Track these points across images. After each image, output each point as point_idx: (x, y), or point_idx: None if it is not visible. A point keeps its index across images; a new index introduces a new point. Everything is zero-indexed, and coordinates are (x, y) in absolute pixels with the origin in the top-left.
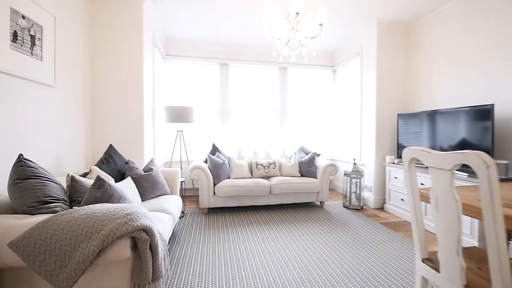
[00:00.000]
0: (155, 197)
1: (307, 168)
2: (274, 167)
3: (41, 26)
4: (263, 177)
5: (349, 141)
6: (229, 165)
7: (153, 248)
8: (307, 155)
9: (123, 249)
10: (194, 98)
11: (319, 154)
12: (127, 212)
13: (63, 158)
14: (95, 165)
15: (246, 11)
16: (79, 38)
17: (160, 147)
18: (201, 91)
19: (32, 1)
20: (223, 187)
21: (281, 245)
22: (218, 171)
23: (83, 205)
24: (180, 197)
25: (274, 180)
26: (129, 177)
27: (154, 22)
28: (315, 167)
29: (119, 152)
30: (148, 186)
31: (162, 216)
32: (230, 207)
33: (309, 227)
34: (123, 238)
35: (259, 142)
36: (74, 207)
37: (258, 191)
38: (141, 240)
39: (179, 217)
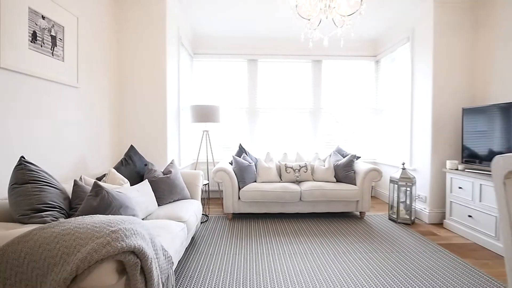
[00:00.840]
0: (173, 201)
1: (344, 173)
2: (305, 170)
3: (63, 27)
4: (293, 182)
5: (396, 142)
6: (256, 168)
7: (146, 273)
8: (344, 157)
9: (106, 275)
10: (222, 97)
11: (359, 157)
12: (113, 229)
13: (87, 159)
14: (115, 167)
15: (276, 1)
16: (104, 38)
17: (186, 148)
18: (228, 89)
19: (53, 1)
20: (248, 192)
21: (311, 264)
22: (243, 174)
23: (78, 215)
24: (199, 202)
25: (305, 186)
26: (146, 180)
27: (179, 19)
28: (354, 172)
29: (140, 153)
30: (165, 190)
31: (173, 226)
32: (256, 213)
33: (346, 243)
34: (105, 262)
35: (290, 143)
36: (61, 219)
37: (287, 198)
38: (129, 264)
39: (202, 222)
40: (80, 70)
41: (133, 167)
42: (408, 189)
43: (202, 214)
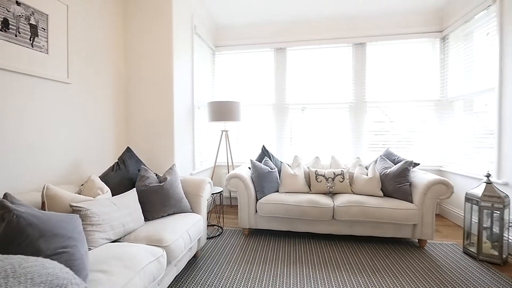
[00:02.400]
0: (166, 216)
1: (395, 185)
2: (341, 179)
3: (46, 15)
4: (324, 194)
5: (473, 144)
6: (279, 175)
7: None
8: (395, 164)
9: None
10: (246, 94)
11: (417, 164)
12: None
13: (83, 162)
14: (104, 172)
15: None
16: (107, 27)
17: (205, 150)
18: (253, 85)
19: None
20: (267, 205)
21: None
22: (262, 182)
23: None
24: (201, 217)
25: (340, 200)
26: (134, 189)
27: (193, 6)
28: (410, 184)
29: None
30: (157, 202)
31: (140, 257)
32: (277, 231)
33: (398, 285)
34: None
35: (323, 144)
36: None
37: (315, 214)
38: None
39: (213, 236)
40: (72, 63)
41: (124, 172)
42: (497, 212)
43: (216, 226)
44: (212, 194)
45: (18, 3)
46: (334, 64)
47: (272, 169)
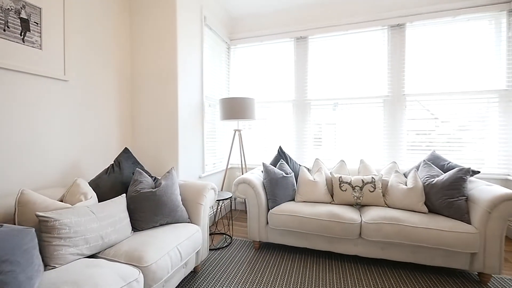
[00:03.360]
0: (158, 226)
1: (445, 199)
2: (372, 188)
3: (39, 8)
4: (350, 205)
5: None
6: (296, 180)
7: None
8: (445, 171)
9: None
10: (263, 90)
11: (476, 172)
12: None
13: (82, 165)
14: (97, 175)
15: None
16: (110, 22)
17: (218, 151)
18: (270, 80)
19: None
20: (279, 216)
21: None
22: (274, 189)
23: None
24: (199, 228)
25: (370, 214)
26: (122, 196)
27: None
28: (467, 199)
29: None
30: (148, 210)
31: (105, 283)
32: (291, 246)
33: None
34: None
35: (350, 146)
36: None
37: (337, 231)
38: None
39: (220, 247)
40: (70, 60)
41: (118, 175)
42: None
43: (225, 235)
44: (219, 200)
45: None
46: (364, 52)
47: (287, 174)
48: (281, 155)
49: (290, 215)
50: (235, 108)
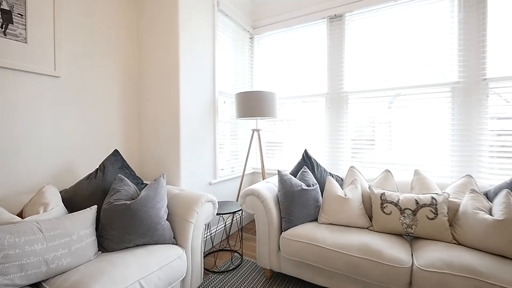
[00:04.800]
0: (133, 247)
1: None
2: (432, 214)
3: None
4: (396, 235)
5: None
6: (322, 194)
7: None
8: None
9: None
10: (290, 83)
11: None
12: None
13: (77, 167)
14: (79, 181)
15: None
16: (112, 13)
17: (240, 154)
18: (298, 71)
19: None
20: (293, 242)
21: None
22: (290, 204)
23: None
24: (183, 253)
25: (428, 255)
26: (93, 207)
27: None
28: None
29: (125, 160)
30: (120, 227)
31: None
32: (310, 283)
33: None
34: None
35: (399, 150)
36: None
37: (374, 274)
38: None
39: (227, 270)
40: (61, 54)
41: (100, 182)
42: None
43: (235, 252)
44: (221, 214)
45: None
46: (422, 26)
47: (309, 185)
48: (305, 160)
49: (308, 243)
50: (251, 105)
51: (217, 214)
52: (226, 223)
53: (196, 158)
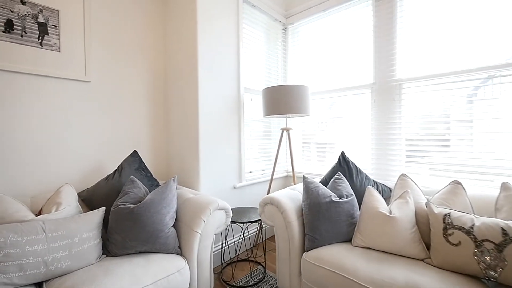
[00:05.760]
0: (135, 253)
1: None
2: None
3: (57, 11)
4: (468, 276)
5: None
6: (359, 208)
7: None
8: None
9: None
10: (329, 76)
11: None
12: None
13: (108, 167)
14: (100, 180)
15: None
16: (139, 18)
17: (273, 156)
18: (338, 61)
19: None
20: (316, 268)
21: None
22: (315, 219)
23: None
24: (184, 267)
25: None
26: (101, 209)
27: None
28: None
29: (143, 162)
30: (122, 231)
31: None
32: None
33: None
34: None
35: (479, 152)
36: None
37: None
38: None
39: (246, 286)
40: (91, 60)
41: (116, 183)
42: None
43: (259, 264)
44: (238, 223)
45: (23, 2)
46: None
47: (342, 196)
48: (341, 165)
49: (333, 271)
50: (279, 101)
51: (233, 222)
52: (249, 232)
53: (217, 160)
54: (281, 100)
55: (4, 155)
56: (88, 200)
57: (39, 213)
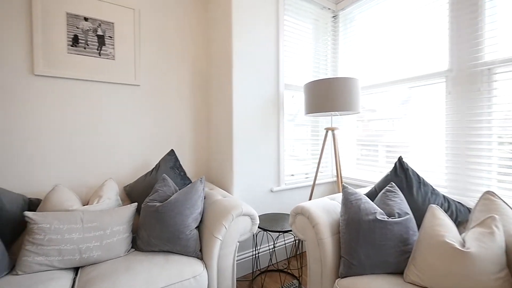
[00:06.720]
0: (158, 251)
1: None
2: None
3: (112, 23)
4: None
5: None
6: (420, 231)
7: None
8: None
9: None
10: (387, 66)
11: None
12: None
13: (153, 163)
14: (140, 177)
15: None
16: (182, 23)
17: (315, 159)
18: (397, 47)
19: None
20: None
21: None
22: (353, 240)
23: None
24: (201, 274)
25: None
26: (133, 205)
27: None
28: None
29: (179, 160)
30: (148, 229)
31: None
32: None
33: None
34: None
35: None
36: None
37: None
38: None
39: None
40: (140, 65)
41: (152, 180)
42: None
43: (295, 279)
44: (266, 231)
45: (86, 19)
46: None
47: (393, 215)
48: (398, 173)
49: None
50: (325, 97)
51: (263, 230)
52: (286, 240)
53: (253, 161)
54: (324, 96)
55: (69, 151)
56: (129, 195)
57: (87, 203)
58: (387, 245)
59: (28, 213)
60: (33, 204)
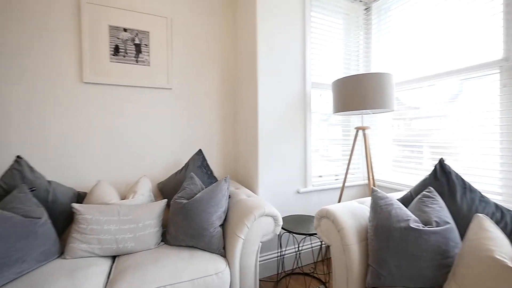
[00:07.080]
0: (185, 246)
1: None
2: None
3: (147, 32)
4: None
5: None
6: (463, 244)
7: None
8: None
9: None
10: (427, 59)
11: None
12: None
13: (182, 162)
14: (172, 174)
15: None
16: (211, 30)
17: (353, 160)
18: (438, 36)
19: (134, 11)
20: None
21: None
22: (382, 248)
23: None
24: (224, 271)
25: None
26: (163, 201)
27: None
28: None
29: (206, 160)
30: (175, 224)
31: None
32: None
33: None
34: None
35: None
36: None
37: None
38: None
39: None
40: (173, 70)
41: (182, 178)
42: None
43: (322, 284)
44: (290, 233)
45: (125, 30)
46: None
47: (430, 223)
48: (438, 177)
49: None
50: (354, 95)
51: (286, 231)
52: (312, 244)
53: (278, 161)
54: (353, 93)
55: (112, 151)
56: (162, 191)
57: (125, 198)
58: (422, 256)
59: (75, 205)
60: (81, 197)
